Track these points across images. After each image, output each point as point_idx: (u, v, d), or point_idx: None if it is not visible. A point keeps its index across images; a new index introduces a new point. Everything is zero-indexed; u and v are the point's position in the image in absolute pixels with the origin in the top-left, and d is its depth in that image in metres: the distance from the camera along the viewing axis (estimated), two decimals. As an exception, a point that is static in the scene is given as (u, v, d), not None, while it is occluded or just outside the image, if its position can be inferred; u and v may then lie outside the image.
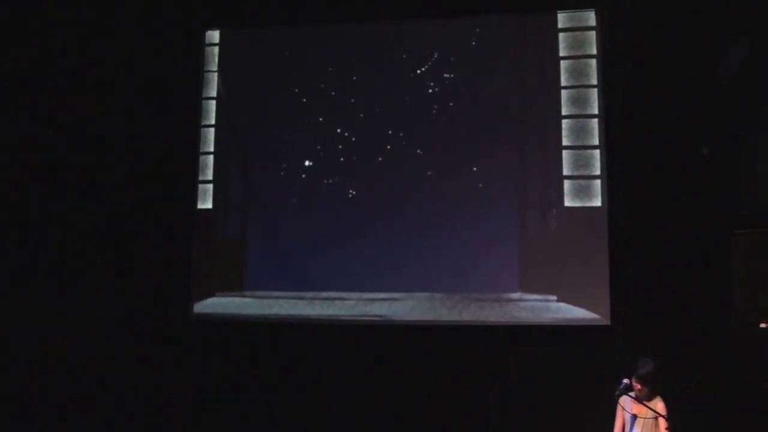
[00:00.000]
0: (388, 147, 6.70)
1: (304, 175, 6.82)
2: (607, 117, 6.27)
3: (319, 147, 6.82)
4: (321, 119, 6.84)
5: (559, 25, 6.47)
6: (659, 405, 4.63)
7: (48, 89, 6.84)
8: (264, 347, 6.57)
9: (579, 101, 6.37)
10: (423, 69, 6.70)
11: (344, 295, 6.58)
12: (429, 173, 6.60)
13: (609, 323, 6.04)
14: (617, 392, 4.63)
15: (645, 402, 4.60)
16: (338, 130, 6.79)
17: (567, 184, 6.31)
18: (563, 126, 6.36)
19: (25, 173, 6.79)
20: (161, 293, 6.69)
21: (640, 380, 4.61)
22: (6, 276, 6.61)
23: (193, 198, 6.91)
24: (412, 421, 6.21)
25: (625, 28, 6.23)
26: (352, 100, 6.81)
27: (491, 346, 6.22)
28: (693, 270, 5.89)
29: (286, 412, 6.43)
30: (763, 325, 5.32)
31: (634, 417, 4.68)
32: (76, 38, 6.91)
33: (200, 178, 6.94)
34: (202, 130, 6.97)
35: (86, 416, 6.44)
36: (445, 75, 6.66)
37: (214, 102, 7.02)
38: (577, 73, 6.40)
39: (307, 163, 6.83)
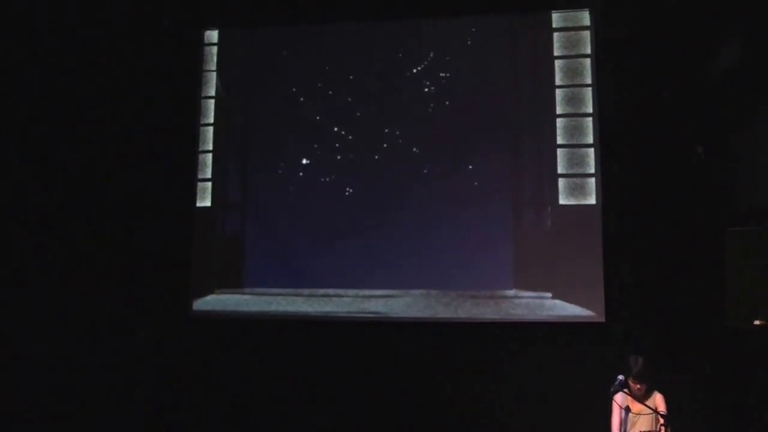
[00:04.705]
0: (385, 145, 6.74)
1: (301, 174, 6.86)
2: (601, 116, 6.30)
3: (316, 145, 6.86)
4: (318, 118, 6.88)
5: (554, 25, 6.51)
6: (658, 399, 4.64)
7: (47, 88, 6.89)
8: (262, 344, 6.60)
9: (573, 100, 6.41)
10: (419, 68, 6.74)
11: (341, 292, 6.62)
12: (425, 171, 6.64)
13: (603, 320, 6.07)
14: (612, 389, 4.63)
15: (644, 402, 4.59)
16: (335, 129, 6.83)
17: (561, 182, 6.35)
18: (558, 125, 6.40)
19: (25, 172, 6.84)
20: (161, 290, 6.74)
21: (637, 379, 4.58)
22: (5, 274, 6.67)
23: (193, 196, 6.95)
24: (409, 417, 6.25)
25: (619, 27, 6.24)
26: (349, 99, 6.85)
27: (486, 343, 6.24)
28: (687, 267, 5.90)
29: (285, 409, 6.47)
30: (757, 323, 5.33)
31: (627, 412, 4.68)
32: (75, 38, 6.95)
33: (199, 176, 6.98)
34: (201, 128, 7.02)
35: (86, 414, 6.49)
36: (441, 74, 6.69)
37: (212, 101, 7.07)
38: (572, 72, 6.44)
39: (304, 161, 6.87)
